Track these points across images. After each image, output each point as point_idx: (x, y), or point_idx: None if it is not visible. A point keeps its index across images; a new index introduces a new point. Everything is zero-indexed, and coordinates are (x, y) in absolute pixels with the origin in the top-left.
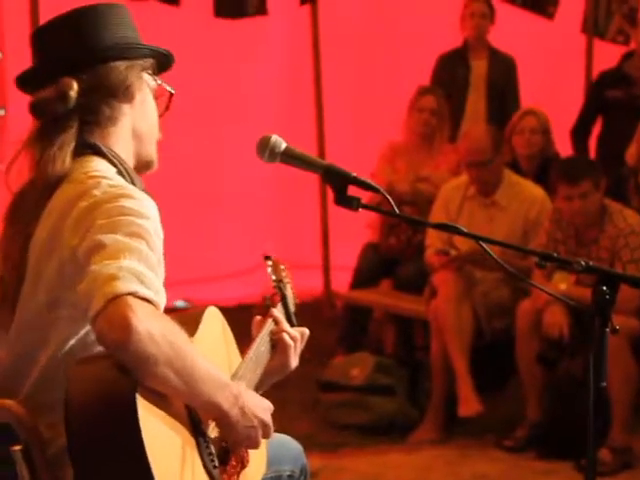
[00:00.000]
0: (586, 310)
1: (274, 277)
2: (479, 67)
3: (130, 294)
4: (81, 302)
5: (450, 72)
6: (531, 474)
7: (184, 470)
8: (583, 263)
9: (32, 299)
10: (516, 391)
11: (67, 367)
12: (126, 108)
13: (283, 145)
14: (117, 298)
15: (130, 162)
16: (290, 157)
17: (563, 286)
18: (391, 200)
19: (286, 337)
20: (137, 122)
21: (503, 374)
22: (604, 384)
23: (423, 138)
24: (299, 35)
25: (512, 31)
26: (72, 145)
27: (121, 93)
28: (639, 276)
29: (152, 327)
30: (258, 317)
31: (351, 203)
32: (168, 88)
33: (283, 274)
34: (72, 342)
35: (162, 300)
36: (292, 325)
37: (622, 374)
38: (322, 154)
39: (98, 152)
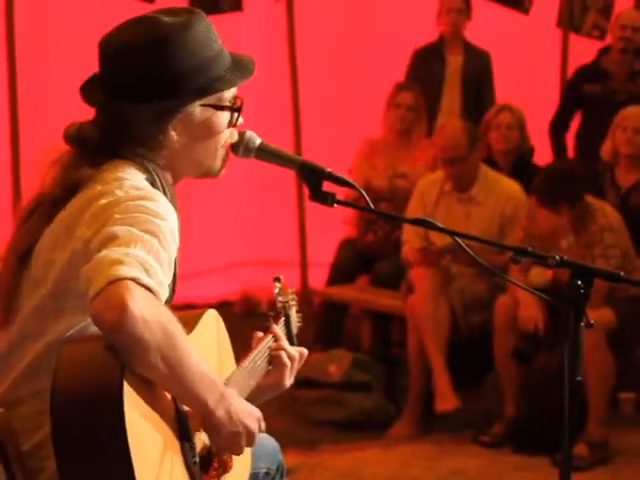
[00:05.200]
0: (560, 305)
1: (280, 298)
2: (455, 62)
3: (132, 279)
4: (83, 284)
5: (426, 67)
6: (508, 469)
7: (163, 461)
8: (557, 258)
9: (37, 291)
10: (493, 386)
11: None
12: (164, 153)
13: (258, 141)
14: (118, 281)
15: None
16: (265, 153)
17: (540, 281)
18: (366, 195)
19: (284, 355)
20: (179, 160)
21: (480, 369)
22: (579, 378)
23: (400, 134)
24: (275, 31)
25: (488, 26)
26: (100, 157)
27: (153, 145)
28: (613, 270)
29: (148, 313)
30: (259, 333)
31: (326, 199)
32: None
33: (290, 297)
34: (70, 332)
35: (164, 293)
36: (292, 345)
37: (598, 368)
38: (299, 151)
39: (130, 159)
